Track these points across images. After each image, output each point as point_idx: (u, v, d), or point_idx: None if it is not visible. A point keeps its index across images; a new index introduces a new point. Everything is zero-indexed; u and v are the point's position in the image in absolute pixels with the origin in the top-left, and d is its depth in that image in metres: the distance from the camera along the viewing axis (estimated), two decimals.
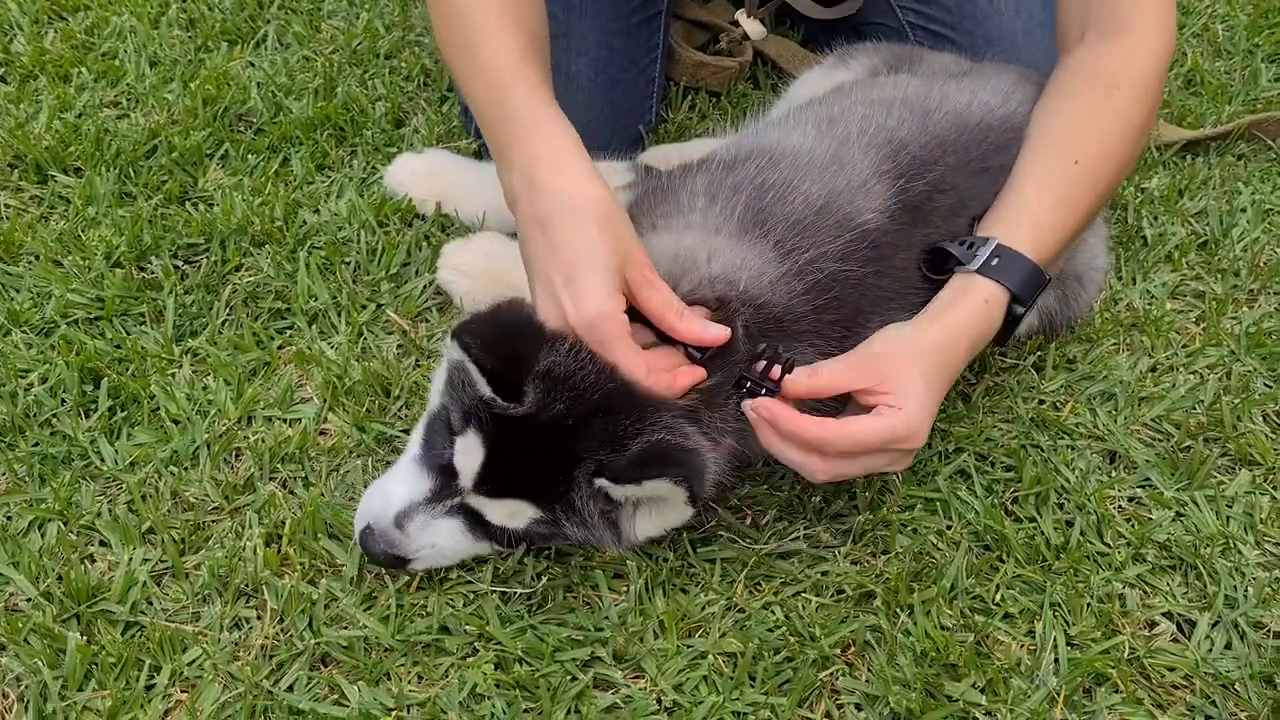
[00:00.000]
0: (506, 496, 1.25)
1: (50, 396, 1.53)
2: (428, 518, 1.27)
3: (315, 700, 1.21)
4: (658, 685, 1.22)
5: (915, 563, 1.35)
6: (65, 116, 2.04)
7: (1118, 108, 1.48)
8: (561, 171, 1.33)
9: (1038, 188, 1.44)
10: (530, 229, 1.33)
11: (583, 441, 1.22)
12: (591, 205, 1.30)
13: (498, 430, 1.23)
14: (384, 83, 2.14)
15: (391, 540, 1.27)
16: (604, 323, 1.24)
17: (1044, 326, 1.63)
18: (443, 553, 1.30)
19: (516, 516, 1.26)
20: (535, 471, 1.23)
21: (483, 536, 1.29)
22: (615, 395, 1.23)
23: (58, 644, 1.24)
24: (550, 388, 1.22)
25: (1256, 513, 1.42)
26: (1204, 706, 1.23)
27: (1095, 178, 1.45)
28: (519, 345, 1.24)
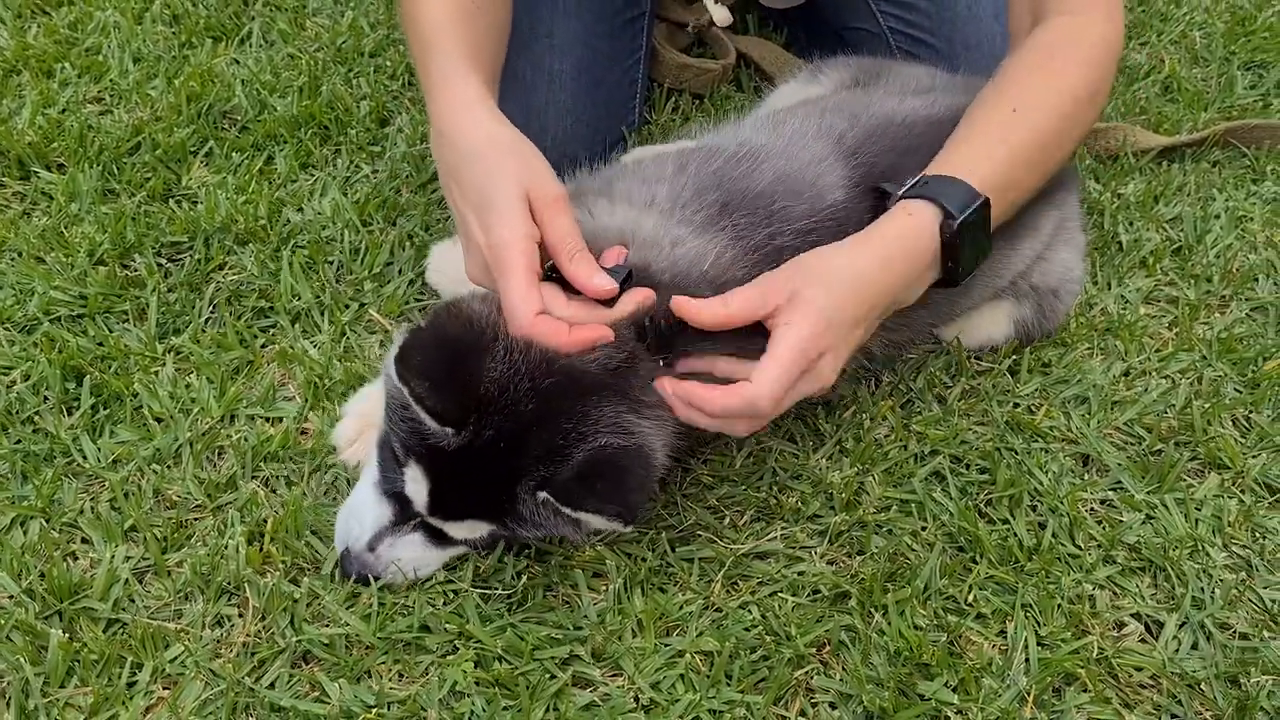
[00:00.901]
0: (460, 519, 1.27)
1: (33, 394, 1.53)
2: (393, 539, 1.30)
3: (296, 697, 1.22)
4: (635, 683, 1.24)
5: (890, 563, 1.37)
6: (48, 112, 2.04)
7: (1059, 69, 1.50)
8: (464, 120, 1.37)
9: (972, 132, 1.45)
10: (446, 183, 1.37)
11: (521, 458, 1.21)
12: (491, 141, 1.33)
13: (435, 462, 1.23)
14: (369, 81, 2.15)
15: (365, 564, 1.30)
16: (503, 249, 1.22)
17: (1020, 336, 1.66)
18: (412, 566, 1.31)
19: (475, 530, 1.28)
20: (481, 494, 1.24)
21: (449, 544, 1.32)
22: (551, 399, 1.21)
23: (40, 641, 1.25)
24: (486, 409, 1.20)
25: (1225, 516, 1.45)
26: (1170, 706, 1.25)
27: (1035, 127, 1.45)
28: (462, 370, 1.21)
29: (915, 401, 1.60)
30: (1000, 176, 1.41)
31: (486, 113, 1.38)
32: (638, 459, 1.23)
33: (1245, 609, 1.35)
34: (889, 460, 1.50)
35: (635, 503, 1.20)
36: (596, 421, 1.22)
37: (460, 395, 1.20)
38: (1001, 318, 1.66)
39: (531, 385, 1.21)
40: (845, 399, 1.59)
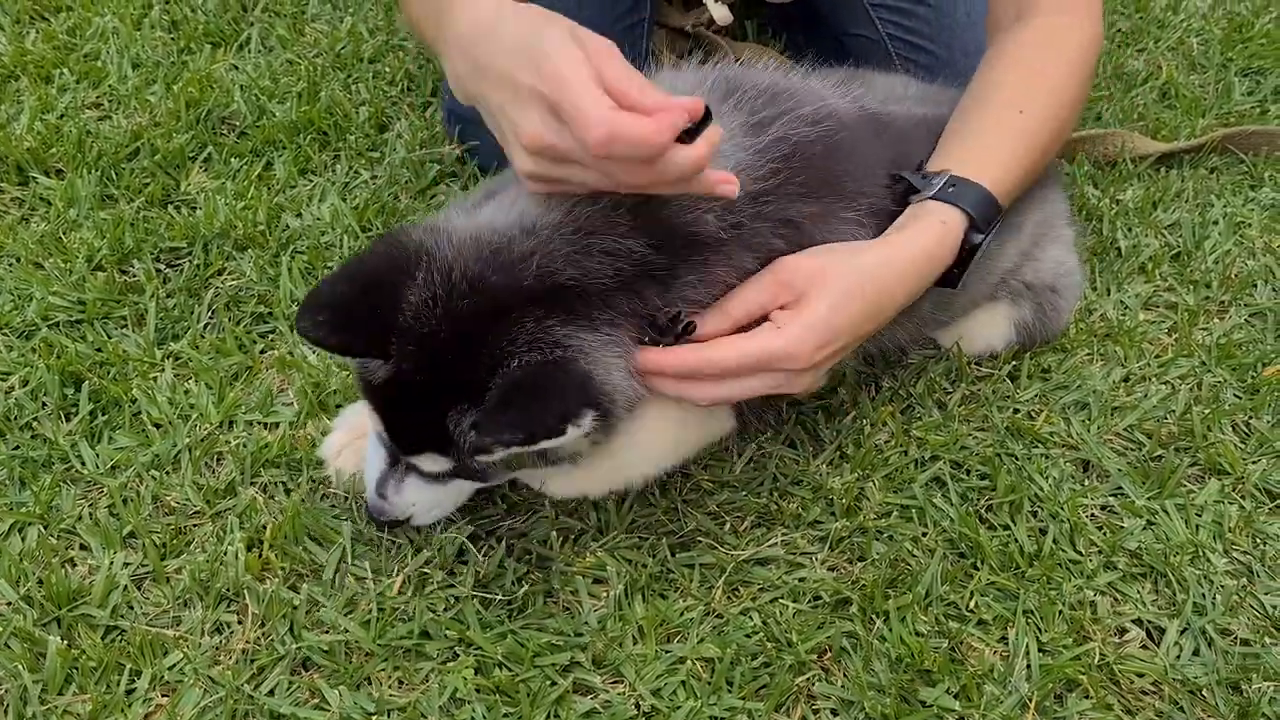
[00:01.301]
0: (417, 452, 1.24)
1: (31, 399, 1.53)
2: (395, 483, 1.29)
3: (296, 704, 1.21)
4: (636, 690, 1.24)
5: (891, 569, 1.37)
6: (47, 118, 2.03)
7: (1053, 74, 1.52)
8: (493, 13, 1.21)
9: (984, 135, 1.45)
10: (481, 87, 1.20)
11: (441, 389, 1.16)
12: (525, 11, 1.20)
13: (374, 396, 1.21)
14: (368, 87, 2.15)
15: (382, 509, 1.29)
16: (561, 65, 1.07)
17: (1023, 339, 1.66)
18: (428, 506, 1.31)
19: (438, 464, 1.24)
20: (422, 426, 1.20)
21: (447, 479, 1.28)
22: (465, 322, 1.15)
23: (38, 648, 1.24)
24: (403, 338, 1.16)
25: (1225, 521, 1.45)
26: (1172, 712, 1.25)
27: (1038, 130, 1.47)
28: (365, 299, 1.17)
29: (915, 407, 1.60)
30: (1012, 181, 1.43)
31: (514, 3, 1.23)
32: (556, 373, 1.14)
33: (1246, 615, 1.35)
34: (889, 466, 1.50)
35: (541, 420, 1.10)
36: (514, 340, 1.15)
37: (359, 325, 1.16)
38: (1000, 321, 1.66)
39: (445, 310, 1.16)
40: (845, 404, 1.59)
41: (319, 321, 1.16)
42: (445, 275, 1.17)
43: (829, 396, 1.60)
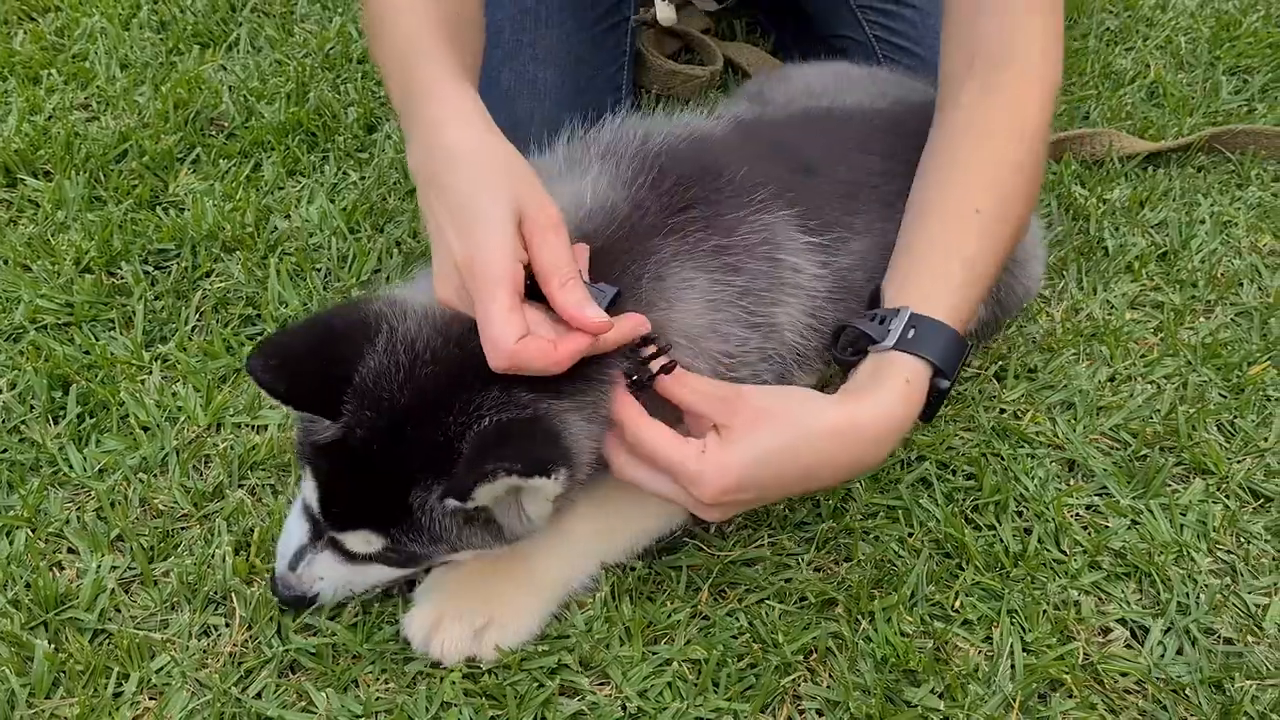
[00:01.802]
0: (350, 528, 1.20)
1: (19, 403, 1.53)
2: (311, 556, 1.25)
3: (284, 707, 1.22)
4: (623, 692, 1.24)
5: (876, 570, 1.37)
6: (35, 119, 2.03)
7: (1007, 156, 1.36)
8: (459, 128, 1.23)
9: (943, 248, 1.31)
10: (427, 193, 1.22)
11: (404, 458, 1.14)
12: (487, 152, 1.20)
13: (318, 460, 1.18)
14: (356, 88, 2.15)
15: (289, 583, 1.26)
16: (485, 267, 1.10)
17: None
18: (335, 585, 1.27)
19: (370, 543, 1.21)
20: (366, 499, 1.18)
21: (361, 562, 1.25)
22: (428, 390, 1.13)
23: (25, 651, 1.24)
24: (362, 402, 1.14)
25: (1209, 521, 1.45)
26: (1155, 711, 1.26)
27: (999, 227, 1.33)
28: (322, 353, 1.15)
29: None
30: (977, 301, 1.33)
31: (483, 123, 1.25)
32: (534, 426, 1.13)
33: (1230, 614, 1.36)
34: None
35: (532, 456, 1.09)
36: (480, 406, 1.13)
37: (312, 377, 1.14)
38: None
39: (408, 376, 1.14)
40: None
41: (271, 365, 1.14)
42: (409, 345, 1.16)
43: None
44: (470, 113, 1.25)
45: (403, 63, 1.32)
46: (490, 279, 1.10)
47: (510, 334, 1.07)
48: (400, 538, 1.19)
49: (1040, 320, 1.76)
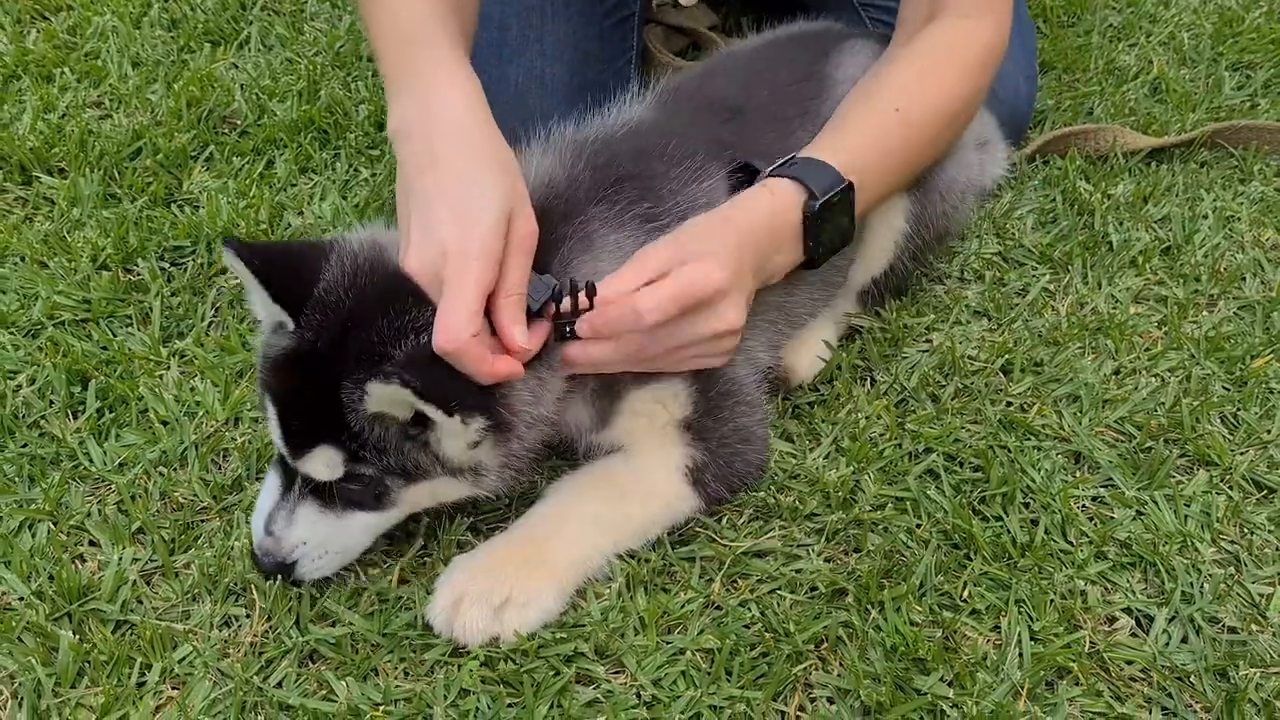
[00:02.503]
0: (308, 447, 1.24)
1: (39, 398, 1.55)
2: (286, 514, 1.28)
3: (304, 696, 1.24)
4: (637, 680, 1.26)
5: (886, 561, 1.40)
6: (49, 117, 2.05)
7: (945, 76, 1.55)
8: (466, 115, 1.32)
9: (847, 122, 1.50)
10: (419, 157, 1.30)
11: (341, 357, 1.19)
12: (492, 150, 1.30)
13: (273, 378, 1.24)
14: (367, 85, 2.17)
15: (267, 549, 1.28)
16: (471, 259, 1.20)
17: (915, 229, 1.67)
18: (319, 546, 1.29)
19: (331, 466, 1.24)
20: (316, 409, 1.22)
21: (342, 508, 1.28)
22: (369, 297, 1.21)
23: (50, 642, 1.26)
24: (313, 309, 1.22)
25: (1213, 511, 1.47)
26: (1160, 698, 1.28)
27: (912, 127, 1.51)
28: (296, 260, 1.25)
29: (910, 401, 1.63)
30: (869, 165, 1.46)
31: (487, 116, 1.34)
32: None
33: (1234, 603, 1.37)
34: (884, 459, 1.52)
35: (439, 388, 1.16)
36: (416, 319, 1.21)
37: (294, 280, 1.23)
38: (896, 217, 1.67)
39: (351, 283, 1.23)
40: (841, 398, 1.61)
41: (252, 249, 1.23)
42: (353, 257, 1.26)
43: (824, 389, 1.63)
44: (476, 102, 1.34)
45: (407, 35, 1.39)
46: (471, 275, 1.20)
47: (468, 329, 1.18)
48: (356, 452, 1.23)
49: (1046, 314, 1.78)
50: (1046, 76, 2.33)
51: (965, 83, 1.57)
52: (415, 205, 1.28)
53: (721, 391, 1.43)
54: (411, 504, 1.33)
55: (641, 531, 1.39)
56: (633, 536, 1.39)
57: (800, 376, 1.62)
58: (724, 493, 1.43)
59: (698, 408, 1.42)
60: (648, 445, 1.42)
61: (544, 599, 1.31)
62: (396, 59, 1.40)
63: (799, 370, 1.62)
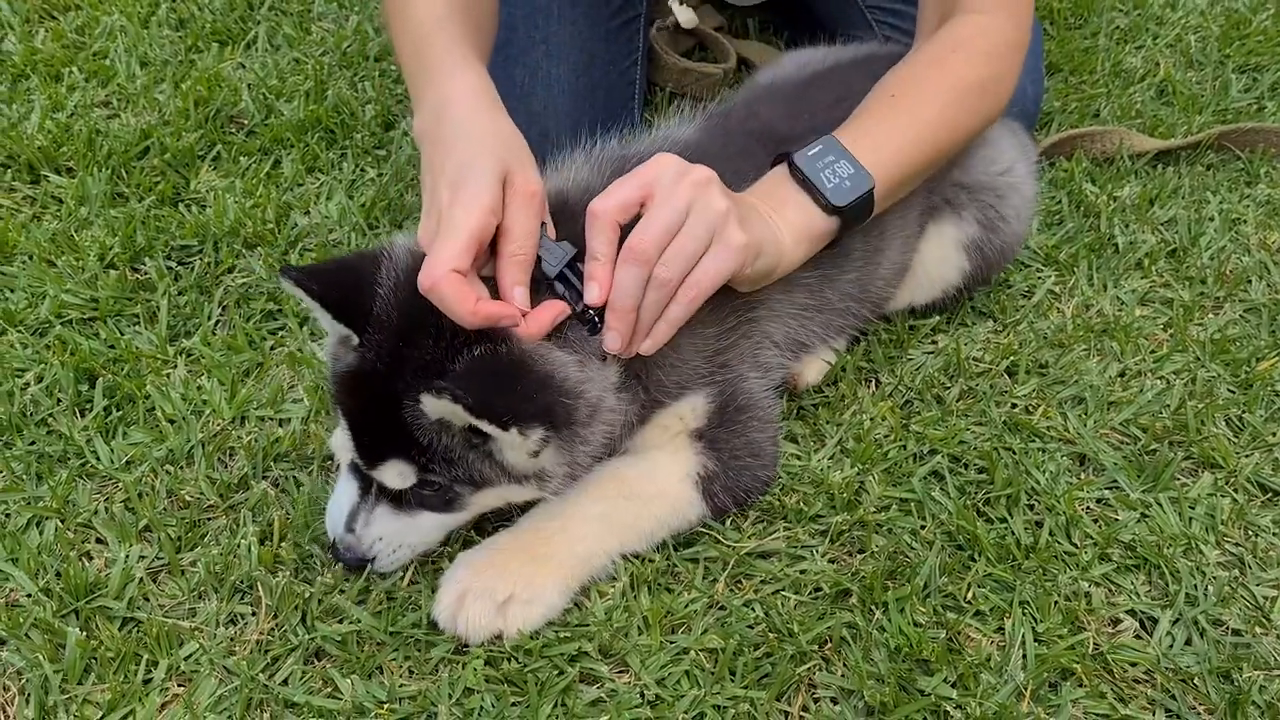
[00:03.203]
0: (381, 460, 1.26)
1: (46, 396, 1.56)
2: (366, 514, 1.31)
3: (310, 693, 1.24)
4: (641, 680, 1.27)
5: (890, 562, 1.40)
6: (57, 116, 2.06)
7: (954, 61, 1.55)
8: (472, 105, 1.37)
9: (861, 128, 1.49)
10: (432, 152, 1.34)
11: (400, 379, 1.21)
12: (489, 125, 1.34)
13: (342, 394, 1.27)
14: (374, 85, 2.17)
15: (349, 545, 1.32)
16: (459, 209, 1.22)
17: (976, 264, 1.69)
18: (394, 541, 1.32)
19: (404, 476, 1.27)
20: (383, 426, 1.24)
21: (416, 508, 1.31)
22: (412, 310, 1.22)
23: (57, 639, 1.27)
24: (373, 327, 1.24)
25: (1218, 514, 1.47)
26: (1164, 700, 1.28)
27: (914, 115, 1.50)
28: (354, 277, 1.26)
29: (914, 402, 1.63)
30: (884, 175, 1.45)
31: (489, 100, 1.38)
32: (520, 370, 1.23)
33: (1238, 605, 1.38)
34: (889, 460, 1.52)
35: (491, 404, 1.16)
36: (459, 331, 1.22)
37: (354, 298, 1.24)
38: (949, 249, 1.68)
39: (397, 299, 1.25)
40: (846, 400, 1.62)
41: (303, 272, 1.25)
42: (398, 272, 1.27)
43: (829, 391, 1.63)
44: (480, 91, 1.38)
45: (419, 41, 1.45)
46: (457, 222, 1.21)
47: (446, 263, 1.18)
48: (425, 464, 1.25)
49: (1051, 316, 1.78)
50: (1053, 78, 2.33)
51: (972, 68, 1.55)
52: (426, 190, 1.33)
53: (739, 406, 1.44)
54: (481, 506, 1.34)
55: (648, 534, 1.39)
56: (639, 538, 1.39)
57: (808, 381, 1.62)
58: (730, 504, 1.43)
59: (713, 420, 1.42)
60: (660, 450, 1.42)
61: (548, 596, 1.31)
62: (412, 67, 1.47)
63: (807, 375, 1.62)
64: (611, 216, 1.26)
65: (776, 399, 1.51)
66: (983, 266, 1.70)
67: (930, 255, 1.69)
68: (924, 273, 1.70)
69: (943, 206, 1.67)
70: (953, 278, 1.70)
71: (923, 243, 1.68)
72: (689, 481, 1.40)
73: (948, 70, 1.54)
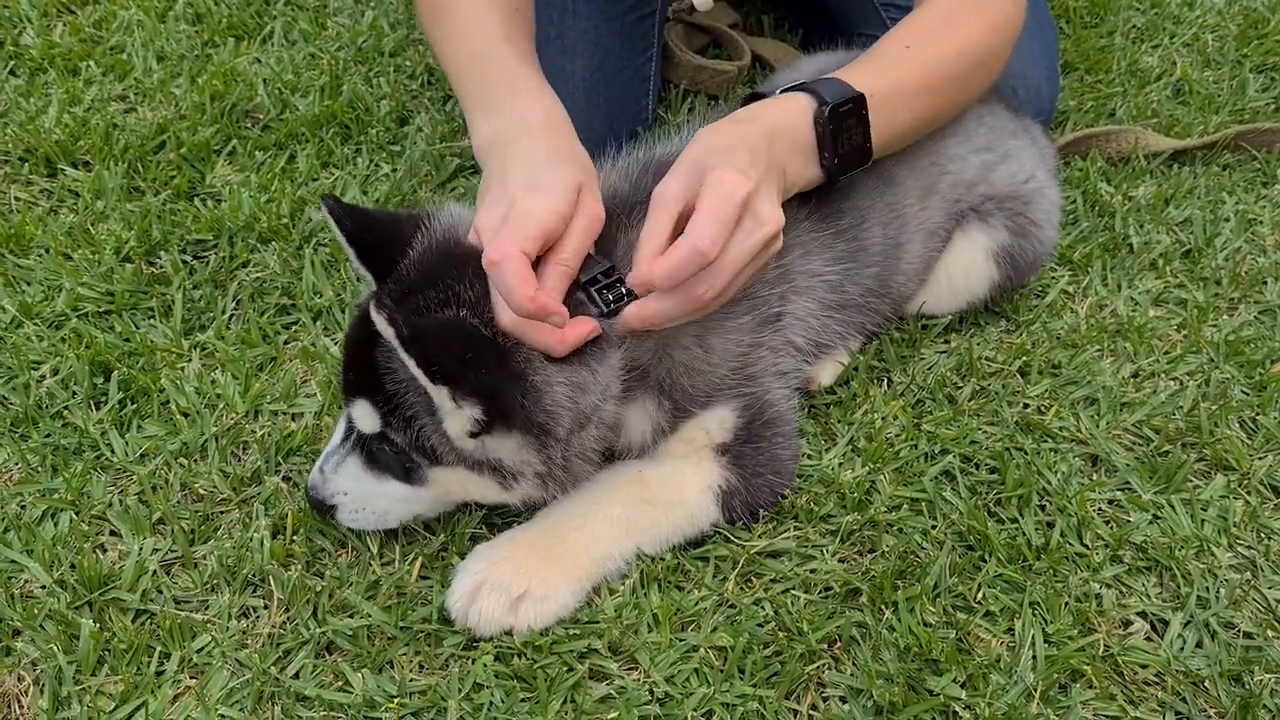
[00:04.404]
0: (354, 396, 1.29)
1: (62, 388, 1.57)
2: (339, 459, 1.35)
3: (321, 687, 1.25)
4: (651, 677, 1.27)
5: (900, 561, 1.40)
6: (74, 110, 2.07)
7: (959, 27, 1.58)
8: (551, 129, 1.41)
9: (864, 58, 1.55)
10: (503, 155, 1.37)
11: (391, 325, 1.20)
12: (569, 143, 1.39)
13: (347, 330, 1.34)
14: (389, 81, 2.18)
15: (316, 485, 1.35)
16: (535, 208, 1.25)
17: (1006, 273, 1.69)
18: (357, 499, 1.34)
19: (369, 420, 1.29)
20: (363, 364, 1.27)
21: (381, 472, 1.33)
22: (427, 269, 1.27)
23: (71, 630, 1.28)
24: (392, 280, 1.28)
25: (1230, 516, 1.47)
26: (1175, 703, 1.28)
27: (923, 66, 1.53)
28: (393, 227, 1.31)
29: (926, 401, 1.62)
30: (881, 92, 1.47)
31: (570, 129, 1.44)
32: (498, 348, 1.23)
33: (1250, 608, 1.37)
34: (900, 460, 1.52)
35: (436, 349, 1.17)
36: (464, 293, 1.25)
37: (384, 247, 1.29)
38: (978, 257, 1.68)
39: (421, 259, 1.29)
40: (858, 398, 1.61)
41: (348, 210, 1.30)
42: (430, 234, 1.32)
43: (841, 390, 1.63)
44: (560, 117, 1.44)
45: (480, 57, 1.49)
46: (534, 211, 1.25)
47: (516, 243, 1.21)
48: (386, 414, 1.27)
49: (1065, 316, 1.77)
50: (1069, 77, 2.32)
51: (980, 40, 1.57)
52: (494, 183, 1.35)
53: (765, 421, 1.44)
54: (442, 489, 1.34)
55: (664, 539, 1.40)
56: (654, 543, 1.39)
57: (823, 383, 1.62)
58: (745, 516, 1.43)
59: (739, 436, 1.43)
60: (683, 460, 1.42)
61: (562, 595, 1.32)
62: (473, 84, 1.49)
63: (822, 378, 1.62)
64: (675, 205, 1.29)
65: (796, 408, 1.51)
66: (1012, 276, 1.70)
67: (957, 264, 1.68)
68: (948, 282, 1.69)
69: (970, 215, 1.67)
70: (979, 289, 1.70)
71: (950, 252, 1.68)
72: (709, 494, 1.40)
73: (961, 28, 1.57)
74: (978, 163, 1.66)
